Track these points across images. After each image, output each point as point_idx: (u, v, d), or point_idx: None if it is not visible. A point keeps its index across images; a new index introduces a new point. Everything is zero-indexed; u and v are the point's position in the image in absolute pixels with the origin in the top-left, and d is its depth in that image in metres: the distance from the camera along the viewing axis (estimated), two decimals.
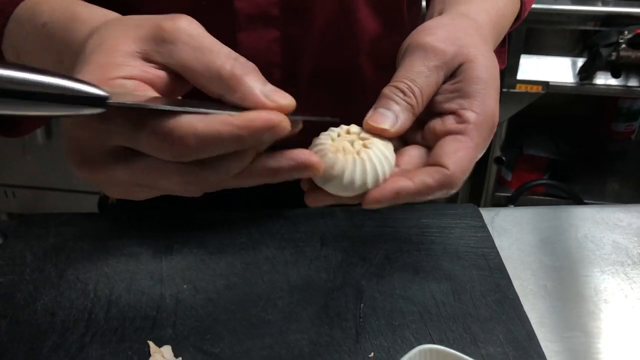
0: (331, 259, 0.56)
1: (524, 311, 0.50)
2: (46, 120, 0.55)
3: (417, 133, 0.41)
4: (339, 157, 0.36)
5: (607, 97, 1.80)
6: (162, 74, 0.33)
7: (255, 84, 0.33)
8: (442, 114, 0.40)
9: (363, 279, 0.53)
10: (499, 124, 1.64)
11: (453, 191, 0.37)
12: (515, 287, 0.53)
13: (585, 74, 1.53)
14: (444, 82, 0.40)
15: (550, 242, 0.60)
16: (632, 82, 1.55)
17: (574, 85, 1.56)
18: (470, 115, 0.38)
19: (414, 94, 0.38)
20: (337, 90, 0.60)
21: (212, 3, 0.51)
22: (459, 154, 0.36)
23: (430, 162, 0.37)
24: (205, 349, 0.47)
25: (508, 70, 1.55)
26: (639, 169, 1.91)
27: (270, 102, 0.33)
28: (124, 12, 0.42)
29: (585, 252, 0.59)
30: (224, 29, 0.53)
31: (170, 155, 0.31)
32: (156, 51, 0.33)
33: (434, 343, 0.47)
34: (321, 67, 0.58)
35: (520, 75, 1.56)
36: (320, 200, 0.37)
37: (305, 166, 0.34)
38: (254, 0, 0.51)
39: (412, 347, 0.47)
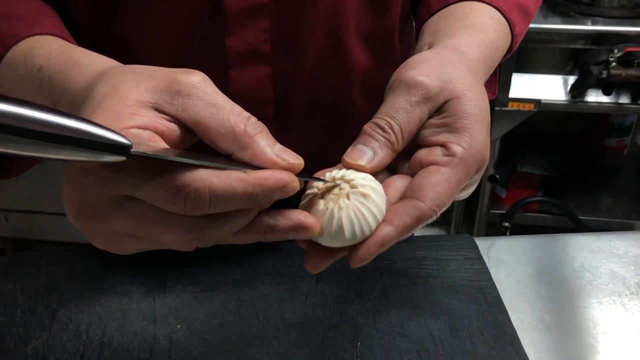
0: (327, 294, 0.55)
1: (522, 347, 0.49)
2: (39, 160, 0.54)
3: (405, 164, 0.41)
4: (325, 209, 0.36)
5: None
6: (173, 126, 0.33)
7: (267, 143, 0.33)
8: (429, 146, 0.39)
9: (360, 316, 0.53)
10: (492, 142, 1.65)
11: (428, 221, 0.37)
12: (512, 320, 0.52)
13: (576, 91, 1.54)
14: (431, 117, 0.40)
15: (547, 273, 0.60)
16: (623, 100, 1.55)
17: (565, 103, 1.57)
18: (457, 148, 0.38)
19: (392, 130, 0.38)
20: (330, 124, 0.60)
21: (202, 41, 0.51)
22: (438, 188, 0.36)
23: (408, 193, 0.37)
24: None
25: (500, 88, 1.55)
26: (632, 183, 1.92)
27: (282, 161, 0.33)
28: (115, 50, 0.42)
29: (583, 283, 0.59)
30: (215, 67, 0.52)
31: (183, 208, 0.31)
32: (170, 103, 0.33)
33: None
34: (314, 102, 0.57)
35: (512, 94, 1.57)
36: (321, 263, 0.37)
37: (302, 227, 0.34)
38: (245, 38, 0.51)
39: None
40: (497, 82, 0.64)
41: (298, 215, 0.35)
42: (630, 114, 1.87)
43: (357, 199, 0.36)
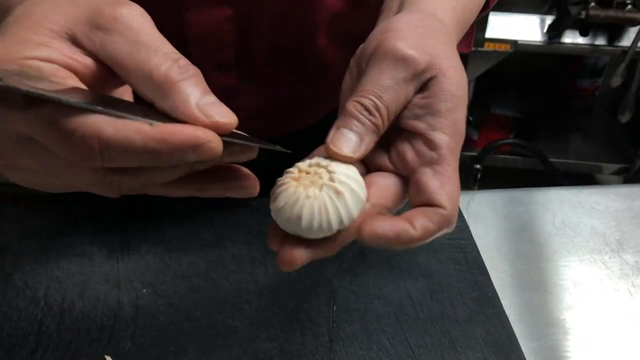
0: None
1: (503, 310, 0.48)
2: None
3: (381, 154, 0.37)
4: (297, 196, 0.32)
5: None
6: (89, 62, 0.28)
7: (193, 93, 0.28)
8: (409, 131, 0.36)
9: (336, 278, 0.51)
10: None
11: (449, 230, 0.34)
12: (492, 279, 0.51)
13: (554, 32, 1.50)
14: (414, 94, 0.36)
15: (527, 229, 0.58)
16: (599, 41, 1.53)
17: (542, 44, 1.54)
18: (441, 138, 0.34)
19: (379, 112, 0.34)
20: (296, 70, 0.55)
21: None
22: (448, 188, 0.33)
23: (423, 201, 0.33)
24: None
25: (476, 28, 1.51)
26: (601, 125, 1.92)
27: (204, 117, 0.28)
28: None
29: (563, 240, 0.57)
30: (170, 8, 0.47)
31: (72, 156, 0.27)
32: (87, 37, 0.28)
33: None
34: (278, 46, 0.53)
35: (488, 34, 1.52)
36: (296, 259, 0.32)
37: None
38: None
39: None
40: (473, 37, 0.60)
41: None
42: (604, 55, 1.86)
43: (328, 194, 0.32)
